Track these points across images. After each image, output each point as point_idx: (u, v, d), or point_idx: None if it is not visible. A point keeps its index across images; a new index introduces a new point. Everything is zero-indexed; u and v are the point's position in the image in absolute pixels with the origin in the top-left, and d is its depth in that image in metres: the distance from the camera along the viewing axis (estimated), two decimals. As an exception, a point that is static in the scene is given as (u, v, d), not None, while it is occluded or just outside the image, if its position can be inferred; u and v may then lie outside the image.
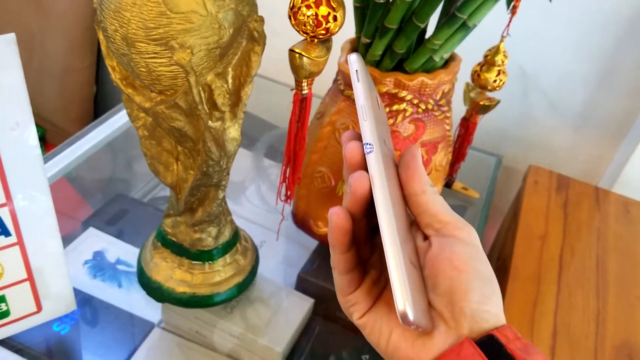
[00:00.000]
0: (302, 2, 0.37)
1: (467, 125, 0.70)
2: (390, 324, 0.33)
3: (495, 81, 0.65)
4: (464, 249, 0.31)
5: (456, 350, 0.29)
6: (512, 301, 0.64)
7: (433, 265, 0.31)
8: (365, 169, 0.31)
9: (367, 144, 0.30)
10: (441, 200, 0.33)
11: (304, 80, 0.41)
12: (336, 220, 0.31)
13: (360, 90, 0.32)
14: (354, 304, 0.34)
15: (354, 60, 0.33)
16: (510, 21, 0.59)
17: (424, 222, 0.32)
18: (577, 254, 0.73)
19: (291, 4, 0.38)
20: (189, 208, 0.50)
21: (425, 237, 0.33)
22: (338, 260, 0.33)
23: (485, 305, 0.30)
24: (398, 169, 0.33)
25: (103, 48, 0.42)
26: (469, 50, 0.62)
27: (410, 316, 0.28)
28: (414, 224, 0.34)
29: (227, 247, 0.54)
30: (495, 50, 0.63)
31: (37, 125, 0.45)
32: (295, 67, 0.39)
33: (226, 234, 0.54)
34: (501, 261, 0.76)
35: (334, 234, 0.32)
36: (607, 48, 0.85)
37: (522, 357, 0.29)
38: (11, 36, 0.42)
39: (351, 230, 0.32)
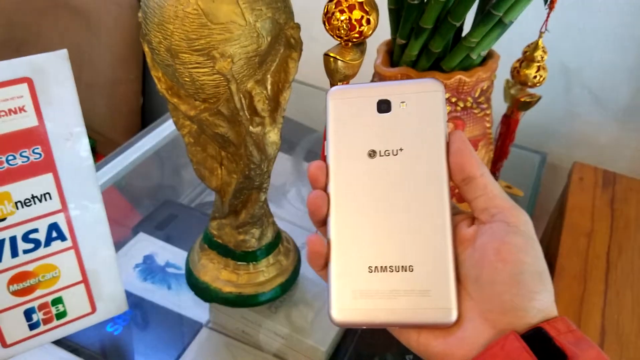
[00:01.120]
0: (335, 7, 0.38)
1: (508, 123, 0.69)
2: None
3: (535, 77, 0.64)
4: (516, 239, 0.29)
5: (500, 344, 0.28)
6: (558, 299, 0.62)
7: (480, 253, 0.30)
8: None
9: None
10: (498, 185, 0.32)
11: (339, 84, 0.42)
12: (312, 247, 0.32)
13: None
14: None
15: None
16: (548, 16, 0.59)
17: (480, 207, 0.31)
18: (626, 252, 0.71)
19: (325, 10, 0.39)
20: (233, 210, 0.52)
21: (471, 224, 0.32)
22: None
23: (532, 301, 0.29)
24: (449, 157, 0.32)
25: (148, 60, 0.44)
26: (508, 46, 0.61)
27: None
28: (457, 215, 0.33)
29: (270, 248, 0.56)
30: (534, 46, 0.63)
31: (88, 137, 0.48)
32: (330, 71, 0.40)
33: (269, 236, 0.55)
34: (547, 259, 0.75)
35: (312, 260, 0.33)
36: (652, 39, 0.83)
37: (572, 351, 0.27)
38: (64, 52, 0.44)
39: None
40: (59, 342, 0.56)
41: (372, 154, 0.32)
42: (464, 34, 0.53)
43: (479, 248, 0.30)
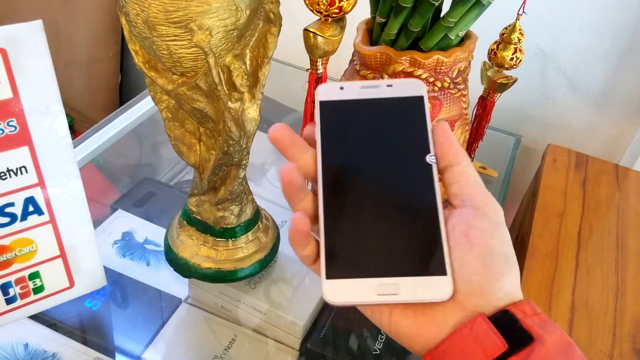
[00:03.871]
0: (315, -18, 0.39)
1: (484, 104, 0.70)
2: None
3: (512, 59, 0.65)
4: (483, 223, 0.31)
5: (469, 326, 0.29)
6: (530, 277, 0.64)
7: (449, 236, 0.31)
8: None
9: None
10: (474, 175, 0.33)
11: (318, 60, 0.42)
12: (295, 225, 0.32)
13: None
14: None
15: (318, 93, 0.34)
16: (525, -2, 0.59)
17: (454, 192, 0.32)
18: (596, 231, 0.73)
19: (305, -15, 0.39)
20: (212, 187, 0.52)
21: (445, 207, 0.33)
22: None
23: (498, 283, 0.29)
24: (434, 146, 0.33)
25: (126, 32, 0.43)
26: (486, 28, 0.62)
27: (326, 298, 0.31)
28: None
29: (249, 225, 0.56)
30: (512, 28, 0.64)
31: (66, 114, 0.47)
32: (310, 47, 0.41)
33: (248, 212, 0.56)
34: (520, 239, 0.77)
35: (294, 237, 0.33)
36: (627, 25, 0.84)
37: (538, 333, 0.28)
38: (39, 22, 0.43)
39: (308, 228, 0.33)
40: (36, 317, 0.56)
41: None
42: (442, 13, 0.53)
43: (449, 231, 0.31)
